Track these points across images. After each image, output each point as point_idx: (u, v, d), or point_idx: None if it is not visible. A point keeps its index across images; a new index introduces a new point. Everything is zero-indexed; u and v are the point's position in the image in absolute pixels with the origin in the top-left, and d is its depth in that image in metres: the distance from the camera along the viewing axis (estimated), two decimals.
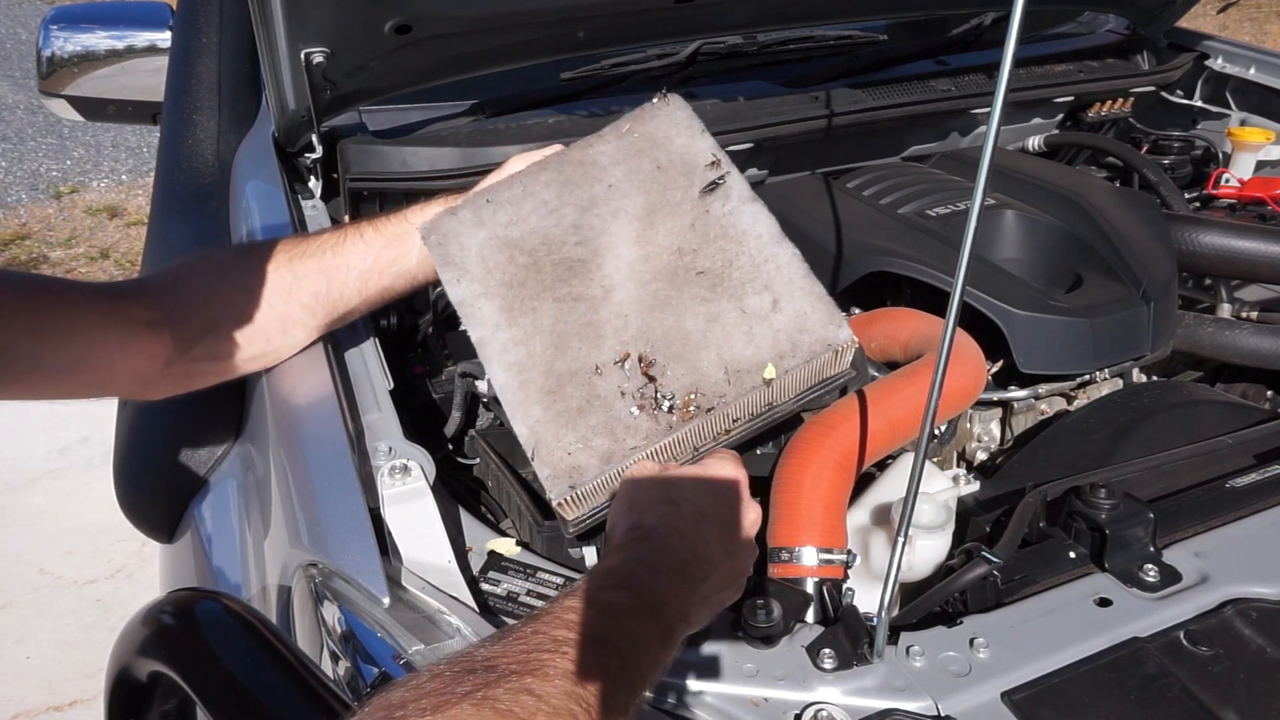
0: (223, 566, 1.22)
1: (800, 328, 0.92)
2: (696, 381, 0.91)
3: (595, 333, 0.94)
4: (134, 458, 1.43)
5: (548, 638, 0.64)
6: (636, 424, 0.89)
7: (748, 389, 0.90)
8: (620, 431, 0.89)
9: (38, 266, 4.34)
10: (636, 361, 0.92)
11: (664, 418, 0.89)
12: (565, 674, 0.61)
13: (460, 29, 1.31)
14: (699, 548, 0.77)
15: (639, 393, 0.91)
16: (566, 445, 0.89)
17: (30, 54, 4.23)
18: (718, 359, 0.91)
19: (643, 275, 0.97)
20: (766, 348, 0.91)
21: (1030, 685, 0.79)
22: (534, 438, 0.90)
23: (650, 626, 0.69)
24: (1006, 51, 0.62)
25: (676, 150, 1.04)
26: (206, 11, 1.58)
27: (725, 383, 0.90)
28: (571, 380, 0.92)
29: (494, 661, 0.60)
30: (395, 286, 1.07)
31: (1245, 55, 1.93)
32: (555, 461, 0.88)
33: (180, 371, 0.99)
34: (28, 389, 0.90)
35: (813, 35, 1.76)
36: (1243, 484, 1.03)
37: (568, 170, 1.05)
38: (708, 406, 0.89)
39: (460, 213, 1.04)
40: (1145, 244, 1.41)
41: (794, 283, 0.94)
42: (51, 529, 2.81)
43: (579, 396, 0.91)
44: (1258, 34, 6.80)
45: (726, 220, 0.98)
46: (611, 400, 0.91)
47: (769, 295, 0.94)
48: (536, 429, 0.90)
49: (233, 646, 0.76)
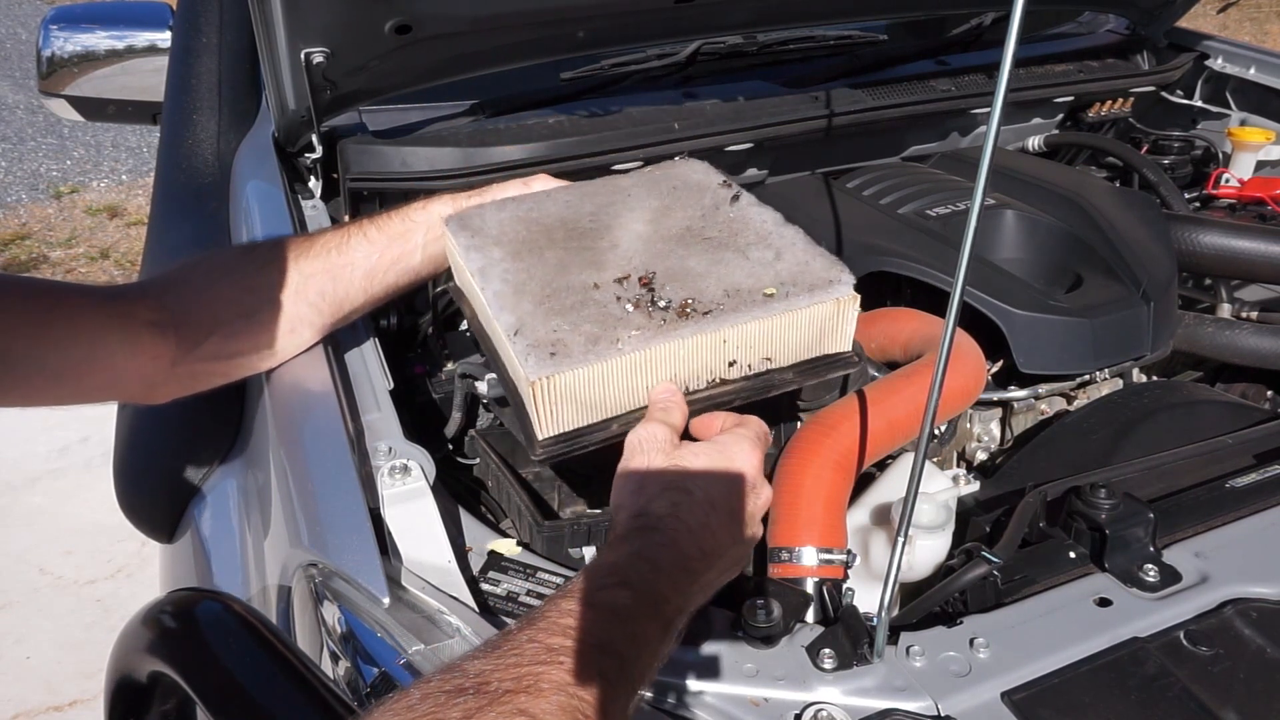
0: (222, 566, 1.22)
1: (803, 270, 0.94)
2: (695, 294, 0.90)
3: (598, 261, 0.96)
4: (134, 458, 1.43)
5: (543, 647, 0.62)
6: (629, 318, 0.87)
7: (747, 304, 0.89)
8: (611, 322, 0.87)
9: (38, 266, 4.34)
10: (636, 280, 0.92)
11: (659, 314, 0.88)
12: (560, 687, 0.59)
13: (460, 29, 1.31)
14: (706, 541, 0.76)
15: (635, 297, 0.90)
16: (554, 326, 0.86)
17: (30, 54, 4.23)
18: (718, 283, 0.92)
19: (650, 239, 1.00)
20: (768, 280, 0.92)
21: (1030, 685, 0.79)
22: (519, 322, 0.87)
23: (651, 624, 0.68)
24: (1006, 51, 0.62)
25: (693, 181, 1.12)
26: (206, 11, 1.58)
27: (724, 297, 0.90)
28: (568, 289, 0.91)
29: (487, 679, 0.59)
30: (400, 283, 1.08)
31: (1245, 55, 1.93)
32: (538, 337, 0.85)
33: (186, 372, 0.98)
34: (33, 394, 0.89)
35: (813, 35, 1.76)
36: (1243, 484, 1.03)
37: (590, 187, 1.12)
38: (704, 310, 0.88)
39: (485, 206, 1.08)
40: (1145, 244, 1.41)
41: (797, 245, 0.98)
42: (51, 529, 2.81)
43: (574, 299, 0.90)
44: (1258, 34, 6.80)
45: (735, 213, 1.05)
46: (607, 302, 0.89)
47: (772, 250, 0.97)
48: (523, 317, 0.88)
49: (233, 647, 0.76)
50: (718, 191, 1.08)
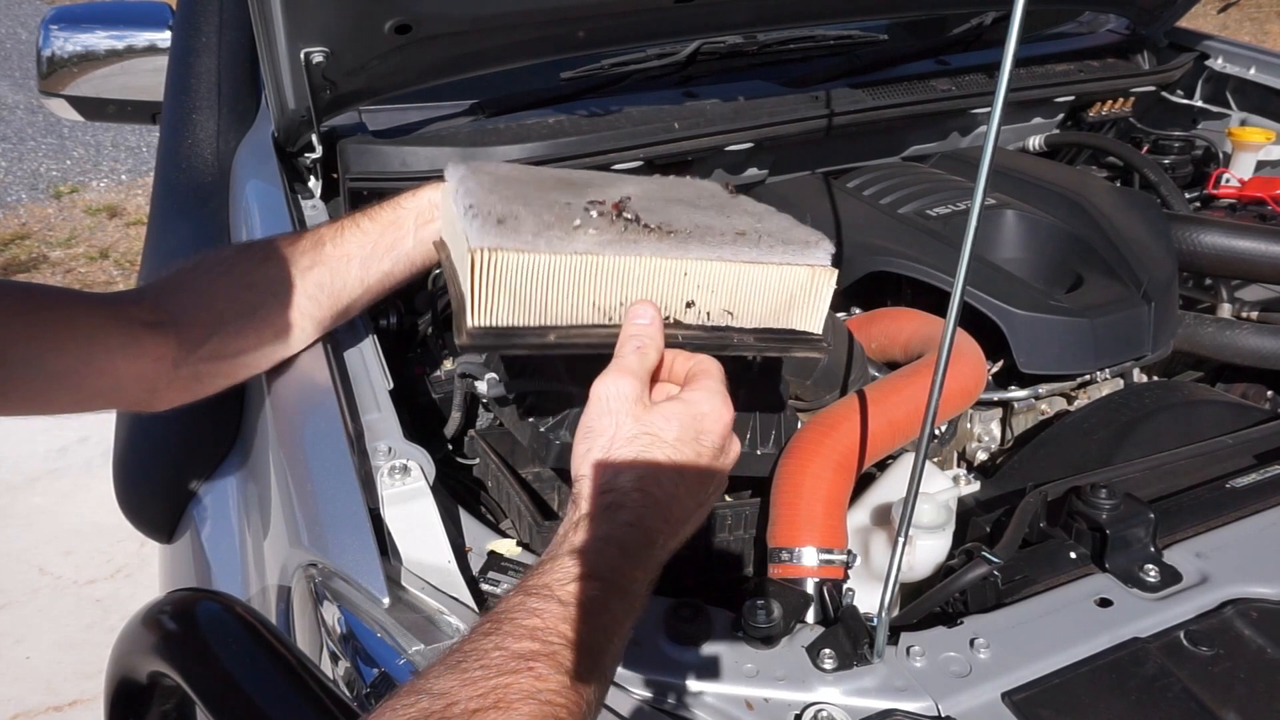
0: (222, 567, 1.22)
1: (783, 232, 0.92)
2: (666, 221, 0.89)
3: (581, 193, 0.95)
4: (133, 458, 1.43)
5: (510, 654, 0.60)
6: (591, 221, 0.85)
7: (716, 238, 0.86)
8: (571, 218, 0.84)
9: (37, 266, 4.34)
10: (610, 206, 0.90)
11: (620, 221, 0.86)
12: (531, 695, 0.57)
13: (460, 29, 1.31)
14: (674, 512, 0.74)
15: (604, 211, 0.89)
16: (512, 209, 0.83)
17: (30, 54, 4.23)
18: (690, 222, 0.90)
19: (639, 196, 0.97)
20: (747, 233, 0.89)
21: (1030, 685, 0.79)
22: (479, 206, 0.83)
23: (619, 610, 0.68)
24: (1007, 51, 0.62)
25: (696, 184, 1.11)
26: (206, 11, 1.58)
27: (694, 228, 0.88)
28: (540, 201, 0.89)
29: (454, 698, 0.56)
30: (395, 272, 1.07)
31: (1245, 55, 1.93)
32: (491, 208, 0.81)
33: (189, 374, 0.97)
34: (33, 400, 0.88)
35: (813, 35, 1.76)
36: (1243, 484, 1.03)
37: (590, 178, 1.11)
38: (669, 230, 0.85)
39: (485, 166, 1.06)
40: (1146, 244, 1.41)
41: (784, 218, 0.97)
42: (51, 529, 2.81)
43: (541, 203, 0.88)
44: (1258, 34, 6.80)
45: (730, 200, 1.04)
46: (574, 211, 0.87)
47: (755, 216, 0.96)
48: (483, 200, 0.85)
49: (232, 647, 0.76)
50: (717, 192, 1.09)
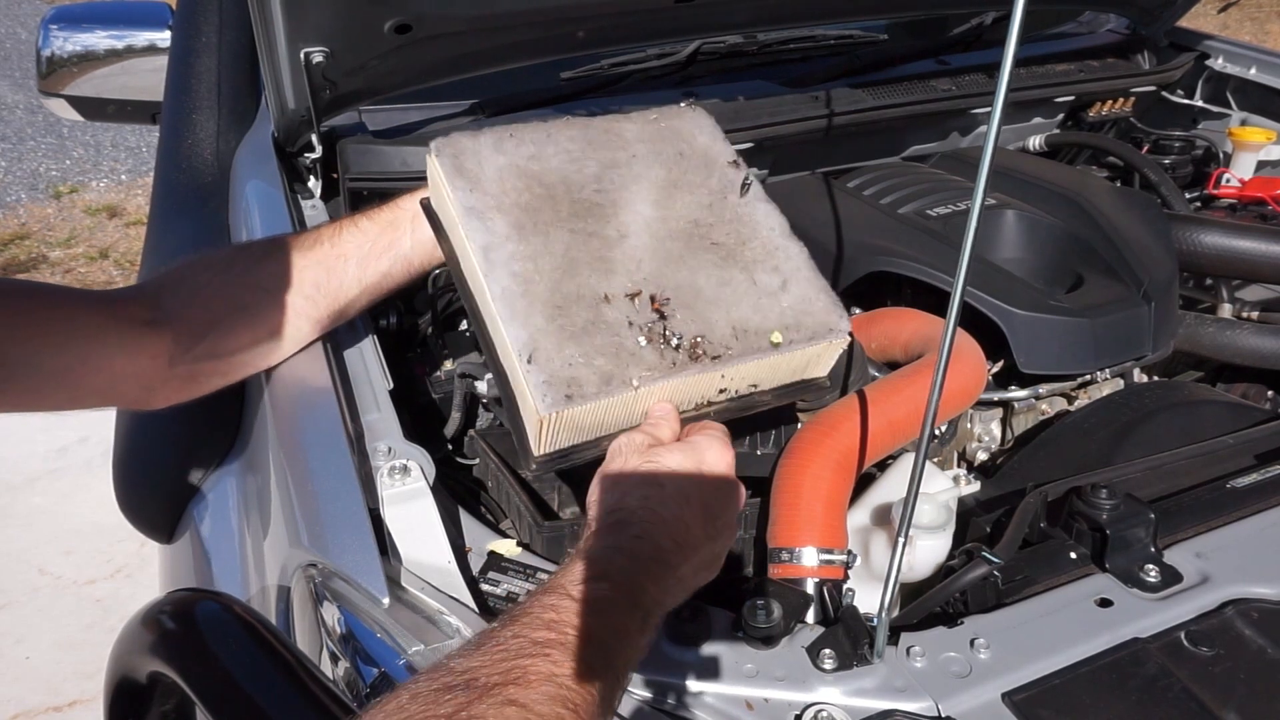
0: (222, 567, 1.22)
1: (805, 310, 0.94)
2: (704, 330, 0.90)
3: (607, 266, 0.93)
4: (133, 458, 1.43)
5: (528, 641, 0.62)
6: (642, 354, 0.87)
7: (753, 349, 0.90)
8: (625, 358, 0.86)
9: (37, 266, 4.34)
10: (648, 300, 0.91)
11: (670, 354, 0.88)
12: (548, 678, 0.60)
13: (460, 29, 1.31)
14: (680, 534, 0.76)
15: (647, 326, 0.89)
16: (568, 357, 0.85)
17: (30, 54, 4.23)
18: (726, 318, 0.92)
19: (659, 231, 0.97)
20: (773, 319, 0.93)
21: (1031, 686, 0.78)
22: (533, 343, 0.85)
23: (630, 617, 0.69)
24: (1007, 51, 0.62)
25: (699, 146, 1.06)
26: (206, 11, 1.58)
27: (732, 338, 0.90)
28: (579, 301, 0.89)
29: (475, 675, 0.59)
30: (393, 273, 1.07)
31: (1246, 55, 1.93)
32: (554, 370, 0.84)
33: (185, 373, 0.98)
34: (30, 397, 0.89)
35: (813, 35, 1.76)
36: (1243, 484, 1.03)
37: (593, 133, 1.05)
38: (714, 354, 0.89)
39: (482, 137, 1.00)
40: (1146, 244, 1.41)
41: (801, 272, 0.97)
42: (51, 529, 2.81)
43: (585, 317, 0.88)
44: (1258, 34, 6.80)
45: (741, 210, 1.02)
46: (619, 327, 0.88)
47: (779, 277, 0.96)
48: (536, 337, 0.86)
49: (232, 647, 0.76)
50: (725, 172, 1.04)
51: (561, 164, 1.00)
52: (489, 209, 0.94)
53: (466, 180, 0.96)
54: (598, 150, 1.03)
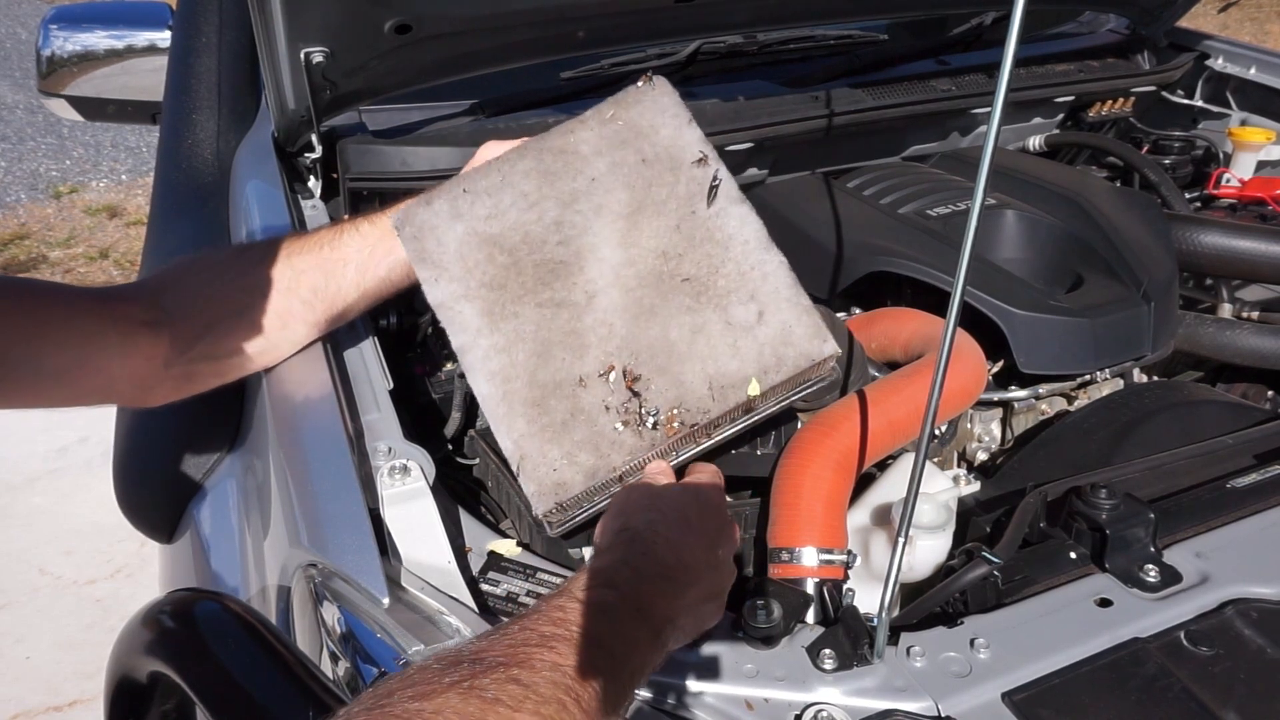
0: (222, 567, 1.22)
1: (785, 341, 0.91)
2: (680, 396, 0.90)
3: (579, 341, 0.93)
4: (134, 458, 1.43)
5: (535, 634, 0.64)
6: (621, 440, 0.90)
7: (731, 405, 0.91)
8: (605, 447, 0.90)
9: (37, 266, 4.34)
10: (621, 375, 0.92)
11: (648, 434, 0.90)
12: (553, 666, 0.62)
13: (460, 29, 1.31)
14: (684, 555, 0.78)
15: (624, 408, 0.91)
16: (552, 461, 0.89)
17: (30, 54, 4.23)
18: (702, 373, 0.91)
19: (627, 280, 0.95)
20: (751, 360, 0.91)
21: (1030, 685, 0.78)
22: (519, 452, 0.90)
23: (638, 627, 0.70)
24: (1007, 51, 0.62)
25: (662, 142, 1.00)
26: (206, 11, 1.58)
27: (709, 398, 0.91)
28: (555, 392, 0.92)
29: (482, 654, 0.61)
30: (392, 279, 1.07)
31: (1246, 55, 1.93)
32: (540, 478, 0.89)
33: (180, 373, 0.98)
34: (29, 395, 0.89)
35: (813, 35, 1.76)
36: (1243, 484, 1.03)
37: (547, 160, 1.00)
38: (691, 423, 0.90)
39: (435, 203, 0.99)
40: (1146, 244, 1.41)
41: (779, 294, 0.92)
42: (51, 529, 2.81)
43: (563, 410, 0.91)
44: (1258, 34, 6.80)
45: (712, 223, 0.96)
46: (596, 415, 0.91)
47: (754, 306, 0.92)
48: (521, 443, 0.90)
49: (232, 646, 0.76)
50: (692, 175, 0.97)
51: (520, 215, 0.98)
52: (457, 299, 0.95)
53: (431, 269, 0.97)
54: (555, 183, 0.99)
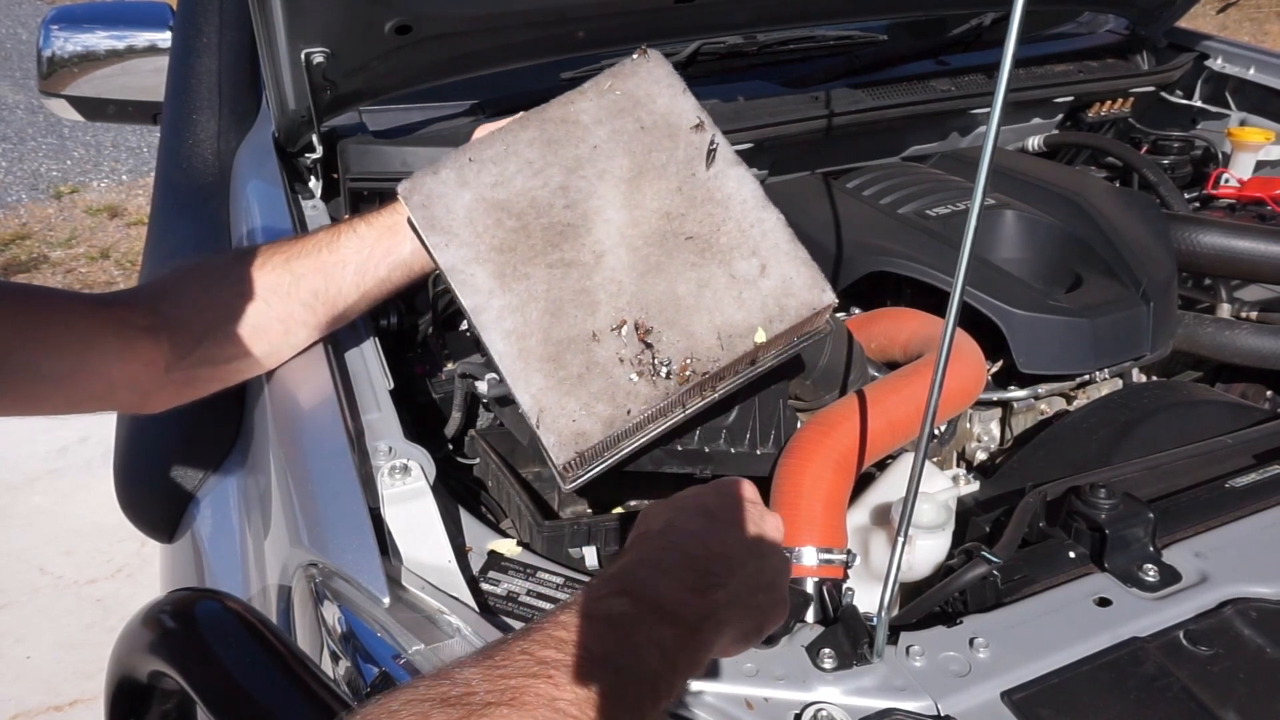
0: (223, 566, 1.22)
1: (786, 292, 0.95)
2: (691, 346, 0.93)
3: (590, 299, 0.95)
4: (134, 457, 1.43)
5: (533, 659, 0.60)
6: (636, 389, 0.92)
7: (739, 352, 0.93)
8: (621, 398, 0.91)
9: (38, 266, 4.34)
10: (633, 329, 0.94)
11: (662, 383, 0.92)
12: (547, 701, 0.57)
13: (460, 29, 1.31)
14: (712, 543, 0.72)
15: (637, 359, 0.93)
16: (570, 413, 0.91)
17: (30, 54, 4.24)
18: (710, 324, 0.94)
19: (633, 240, 0.98)
20: (756, 311, 0.94)
21: (1030, 685, 0.79)
22: (537, 405, 0.91)
23: (661, 629, 0.65)
24: (1006, 51, 0.62)
25: (659, 110, 1.03)
26: (206, 11, 1.58)
27: (719, 347, 0.93)
28: (570, 347, 0.93)
29: (473, 689, 0.57)
30: (392, 278, 1.06)
31: (1245, 55, 1.93)
32: (560, 429, 0.91)
33: (180, 378, 0.98)
34: (28, 402, 0.89)
35: (813, 35, 1.76)
36: (1242, 484, 1.03)
37: (550, 129, 1.02)
38: (703, 371, 0.92)
39: (442, 172, 1.00)
40: (1145, 244, 1.41)
41: (780, 248, 0.97)
42: (51, 529, 2.81)
43: (578, 364, 0.93)
44: (1258, 34, 6.80)
45: (712, 184, 0.99)
46: (610, 367, 0.93)
47: (756, 260, 0.96)
48: (539, 397, 0.92)
49: (233, 646, 0.76)
50: (690, 140, 1.01)
51: (526, 181, 1.00)
52: (468, 262, 0.96)
53: (441, 234, 0.97)
54: (559, 151, 1.01)
